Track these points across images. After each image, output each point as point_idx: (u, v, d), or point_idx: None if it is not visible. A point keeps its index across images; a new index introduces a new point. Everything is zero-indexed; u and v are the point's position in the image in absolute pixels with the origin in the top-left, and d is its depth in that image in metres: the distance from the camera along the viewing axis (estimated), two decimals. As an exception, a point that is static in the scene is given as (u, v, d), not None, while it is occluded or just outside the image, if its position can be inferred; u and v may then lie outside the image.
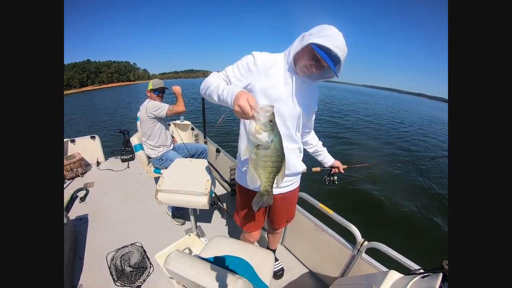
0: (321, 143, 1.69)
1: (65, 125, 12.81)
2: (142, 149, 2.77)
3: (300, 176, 1.52)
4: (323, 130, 11.07)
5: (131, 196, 3.18)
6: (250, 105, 0.86)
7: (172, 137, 2.96)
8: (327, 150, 1.73)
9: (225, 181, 3.15)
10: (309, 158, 1.64)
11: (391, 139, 11.28)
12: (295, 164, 1.38)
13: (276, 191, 1.40)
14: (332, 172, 1.80)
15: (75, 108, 22.60)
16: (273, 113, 0.86)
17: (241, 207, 1.54)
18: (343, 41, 1.03)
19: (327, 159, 1.73)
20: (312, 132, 1.62)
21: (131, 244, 2.27)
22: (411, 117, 24.52)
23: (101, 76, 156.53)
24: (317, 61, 1.08)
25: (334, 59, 1.03)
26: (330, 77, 1.20)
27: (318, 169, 1.88)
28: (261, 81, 1.18)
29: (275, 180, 1.01)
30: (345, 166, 1.84)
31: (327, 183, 1.86)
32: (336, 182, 1.83)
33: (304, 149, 1.58)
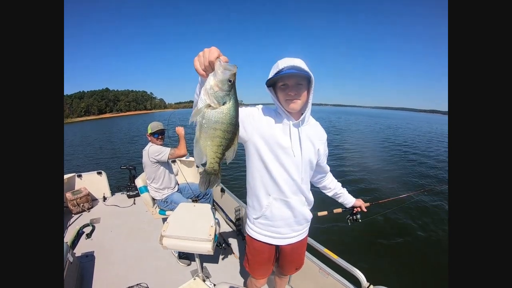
0: (339, 184, 1.70)
1: (73, 158, 13.41)
2: (147, 191, 2.91)
3: (309, 224, 1.53)
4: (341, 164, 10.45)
5: (136, 233, 3.27)
6: (217, 55, 0.79)
7: (175, 174, 3.06)
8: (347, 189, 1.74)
9: (231, 220, 3.19)
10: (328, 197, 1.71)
11: (408, 164, 10.66)
12: (302, 211, 1.38)
13: (285, 241, 1.44)
14: (354, 211, 1.81)
15: (87, 138, 23.43)
16: (235, 74, 0.80)
17: (250, 255, 1.55)
18: (290, 58, 1.16)
19: (348, 200, 1.74)
20: (329, 175, 1.63)
21: (137, 284, 2.32)
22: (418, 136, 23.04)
23: (119, 105, 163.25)
24: (285, 85, 1.18)
25: (292, 69, 1.12)
26: (309, 90, 1.22)
27: (339, 210, 1.91)
28: (262, 130, 1.24)
29: (225, 157, 0.93)
30: (368, 204, 1.84)
31: (349, 223, 1.86)
32: (360, 221, 1.83)
33: (324, 193, 1.68)
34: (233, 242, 3.01)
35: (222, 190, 3.41)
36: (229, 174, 8.04)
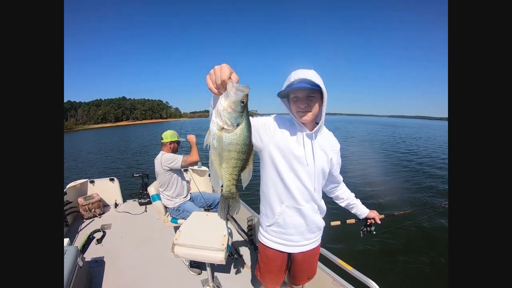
0: (353, 195, 1.70)
1: (87, 165, 13.85)
2: (159, 199, 2.93)
3: (321, 233, 1.54)
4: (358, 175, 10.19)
5: (147, 241, 3.27)
6: (229, 74, 0.79)
7: (188, 182, 3.10)
8: (360, 201, 1.75)
9: (243, 230, 3.17)
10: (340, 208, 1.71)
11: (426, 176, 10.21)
12: (314, 219, 1.41)
13: (298, 249, 1.45)
14: (368, 223, 1.80)
15: (103, 145, 24.04)
16: (247, 95, 0.79)
17: (262, 264, 1.57)
18: (302, 70, 1.18)
19: (361, 211, 1.74)
20: (342, 185, 1.65)
21: None
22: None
23: (135, 113, 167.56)
24: (297, 97, 1.22)
25: (303, 82, 1.16)
26: (321, 103, 1.24)
27: (352, 220, 1.89)
28: (277, 139, 1.29)
29: (241, 179, 0.92)
30: (382, 216, 1.81)
31: (362, 235, 1.85)
32: (374, 233, 1.82)
33: (337, 203, 1.69)
34: (245, 252, 2.99)
35: None
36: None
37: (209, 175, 4.38)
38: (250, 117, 1.15)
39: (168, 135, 2.88)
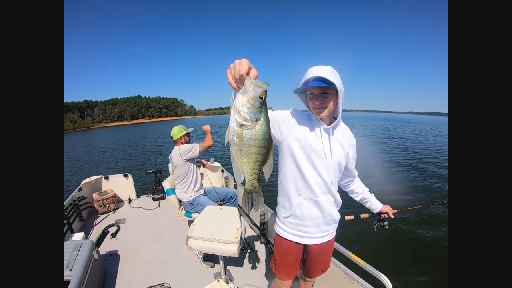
0: (367, 189, 1.74)
1: (101, 162, 14.24)
2: (174, 193, 2.97)
3: (336, 226, 1.57)
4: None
5: (160, 235, 3.33)
6: (247, 69, 0.81)
7: (201, 176, 3.17)
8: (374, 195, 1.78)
9: (255, 225, 3.20)
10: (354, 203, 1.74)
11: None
12: (330, 211, 1.44)
13: (313, 241, 1.49)
14: (381, 217, 1.83)
15: (118, 143, 24.64)
16: (266, 91, 0.81)
17: (278, 255, 1.61)
18: (319, 67, 1.21)
19: (375, 206, 1.77)
20: (357, 179, 1.68)
21: (160, 284, 2.35)
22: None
23: (151, 111, 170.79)
24: (312, 94, 1.25)
25: (318, 81, 1.18)
26: (337, 100, 1.26)
27: (366, 215, 1.92)
28: (296, 133, 1.33)
29: (263, 173, 0.95)
30: (395, 211, 1.84)
31: (375, 229, 1.88)
32: (387, 227, 1.85)
33: (351, 197, 1.73)
34: (257, 247, 3.03)
35: None
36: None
37: (222, 171, 4.47)
38: (269, 111, 1.19)
39: (176, 132, 2.98)
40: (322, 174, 1.34)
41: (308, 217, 1.42)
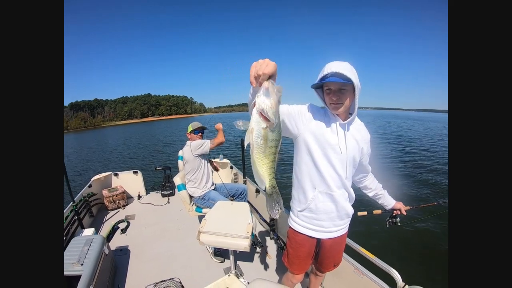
0: (380, 185, 1.74)
1: (111, 161, 14.38)
2: (185, 188, 2.98)
3: (349, 220, 1.58)
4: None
5: (170, 231, 3.35)
6: (272, 71, 0.85)
7: (212, 172, 3.18)
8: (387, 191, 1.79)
9: (265, 221, 3.19)
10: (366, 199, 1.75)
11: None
12: (344, 206, 1.45)
13: (327, 235, 1.50)
14: (394, 214, 1.84)
15: (128, 141, 24.98)
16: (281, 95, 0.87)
17: (291, 249, 1.62)
18: (336, 63, 1.22)
19: (388, 202, 1.78)
20: (370, 175, 1.69)
21: (170, 279, 2.34)
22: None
23: (161, 109, 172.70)
24: (329, 90, 1.26)
25: (335, 76, 1.20)
26: (354, 96, 1.28)
27: (379, 211, 1.94)
28: (312, 127, 1.34)
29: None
30: (408, 207, 1.83)
31: (388, 226, 1.89)
32: (399, 224, 1.85)
33: (364, 193, 1.75)
34: (267, 242, 3.04)
35: (257, 191, 3.42)
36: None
37: (231, 167, 4.50)
38: (286, 105, 1.31)
39: (190, 126, 3.02)
40: (337, 168, 1.35)
41: (322, 211, 1.43)
